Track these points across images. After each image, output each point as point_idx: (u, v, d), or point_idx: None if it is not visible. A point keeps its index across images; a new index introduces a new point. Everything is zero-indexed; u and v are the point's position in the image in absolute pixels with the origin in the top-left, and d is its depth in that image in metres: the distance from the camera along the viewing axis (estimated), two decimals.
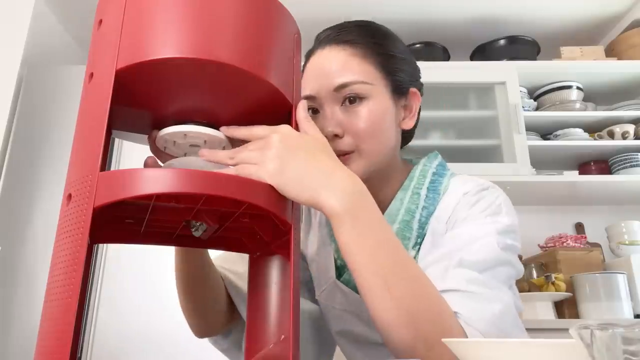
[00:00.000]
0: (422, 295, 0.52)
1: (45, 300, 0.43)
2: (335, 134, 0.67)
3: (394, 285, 0.51)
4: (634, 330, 0.26)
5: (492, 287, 0.58)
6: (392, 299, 0.50)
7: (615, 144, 2.17)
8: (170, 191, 0.42)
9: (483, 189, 0.70)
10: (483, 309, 0.55)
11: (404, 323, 0.51)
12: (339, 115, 0.68)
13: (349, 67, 0.68)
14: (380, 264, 0.51)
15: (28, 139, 1.96)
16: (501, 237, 0.63)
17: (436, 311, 0.53)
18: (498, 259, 0.61)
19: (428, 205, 0.71)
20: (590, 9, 2.34)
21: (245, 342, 0.58)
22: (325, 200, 0.50)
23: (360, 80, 0.67)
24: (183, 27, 0.45)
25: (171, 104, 0.51)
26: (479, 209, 0.67)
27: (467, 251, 0.61)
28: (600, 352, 0.27)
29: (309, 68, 0.72)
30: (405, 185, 0.74)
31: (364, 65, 0.69)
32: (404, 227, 0.71)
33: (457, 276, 0.58)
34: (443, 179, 0.74)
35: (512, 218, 0.67)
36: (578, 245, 2.10)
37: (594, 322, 0.28)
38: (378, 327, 0.53)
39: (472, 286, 0.57)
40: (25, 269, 1.79)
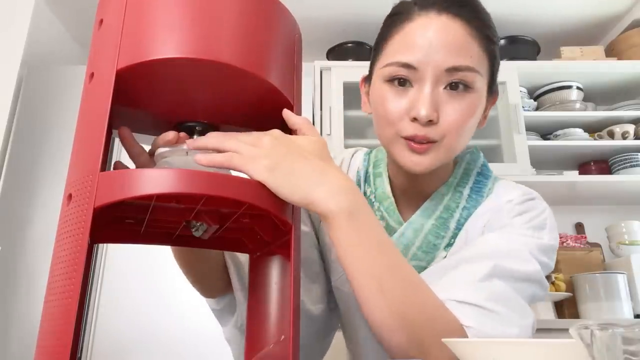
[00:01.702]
0: (416, 299, 0.51)
1: (46, 300, 0.43)
2: (431, 120, 0.60)
3: (388, 288, 0.50)
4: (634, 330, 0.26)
5: (514, 308, 0.56)
6: (386, 302, 0.50)
7: (615, 144, 2.17)
8: (171, 192, 0.42)
9: (529, 199, 0.67)
10: (501, 333, 0.53)
11: (397, 326, 0.50)
12: (439, 98, 0.60)
13: (468, 49, 0.60)
14: (374, 265, 0.50)
15: (28, 139, 1.96)
16: (540, 254, 0.61)
17: (431, 316, 0.51)
18: (530, 276, 0.59)
19: (469, 207, 0.68)
20: (590, 9, 2.34)
21: (246, 342, 0.58)
22: (319, 200, 0.49)
23: (475, 68, 0.60)
24: (184, 27, 0.45)
25: (172, 104, 0.51)
26: (523, 220, 0.64)
27: (502, 259, 0.58)
28: (600, 352, 0.27)
29: (412, 30, 0.61)
30: (449, 182, 0.69)
31: (480, 51, 0.61)
32: (439, 224, 0.67)
33: (483, 289, 0.55)
34: (488, 181, 0.71)
35: (554, 236, 0.64)
36: (578, 245, 2.10)
37: (594, 322, 0.28)
38: (371, 327, 0.52)
39: (494, 304, 0.54)
40: (25, 269, 1.79)
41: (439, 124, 0.60)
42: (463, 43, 0.60)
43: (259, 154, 0.48)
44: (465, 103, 0.61)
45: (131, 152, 0.53)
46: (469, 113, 0.61)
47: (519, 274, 0.58)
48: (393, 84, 0.62)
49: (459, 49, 0.60)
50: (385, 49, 0.65)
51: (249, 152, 0.48)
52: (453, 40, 0.60)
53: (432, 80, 0.60)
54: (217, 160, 0.47)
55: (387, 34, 0.65)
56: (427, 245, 0.67)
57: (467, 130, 0.63)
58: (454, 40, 0.60)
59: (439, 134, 0.61)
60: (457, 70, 0.60)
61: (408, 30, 0.62)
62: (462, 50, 0.60)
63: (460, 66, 0.60)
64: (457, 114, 0.60)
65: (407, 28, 0.62)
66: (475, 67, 0.60)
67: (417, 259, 0.67)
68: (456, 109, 0.60)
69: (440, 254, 0.67)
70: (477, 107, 0.63)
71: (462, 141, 0.64)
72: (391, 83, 0.63)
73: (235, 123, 0.54)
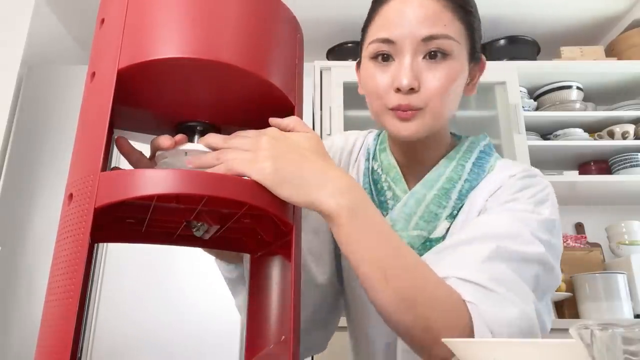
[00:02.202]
0: (419, 284, 0.53)
1: (46, 300, 0.43)
2: (412, 88, 0.63)
3: (392, 276, 0.51)
4: (634, 330, 0.26)
5: (515, 291, 0.57)
6: (391, 289, 0.51)
7: (615, 144, 2.17)
8: (171, 192, 0.42)
9: (530, 176, 0.69)
10: (500, 310, 0.54)
11: (402, 309, 0.52)
12: (418, 66, 0.64)
13: (441, 18, 0.63)
14: (379, 257, 0.52)
15: (28, 139, 1.96)
16: (542, 232, 0.62)
17: (434, 295, 0.53)
18: (532, 257, 0.60)
19: (471, 180, 0.70)
20: (590, 9, 2.34)
21: (246, 342, 0.58)
22: (320, 201, 0.50)
23: (450, 35, 0.63)
24: (185, 27, 0.45)
25: (173, 103, 0.51)
26: (525, 195, 0.65)
27: (504, 240, 0.59)
28: (600, 352, 0.27)
29: (389, 9, 0.66)
30: (451, 155, 0.72)
31: (455, 20, 0.64)
32: (442, 194, 0.69)
33: (485, 271, 0.57)
34: (490, 158, 0.73)
35: (555, 212, 0.66)
36: (578, 245, 2.10)
37: (594, 322, 0.28)
38: (378, 310, 0.54)
39: (495, 285, 0.55)
40: (25, 269, 1.79)
41: (421, 92, 0.64)
42: (436, 13, 0.63)
43: (258, 157, 0.48)
44: (445, 70, 0.64)
45: (130, 160, 0.54)
46: (449, 79, 0.64)
47: (521, 255, 0.59)
48: (377, 61, 0.67)
49: (433, 19, 0.63)
50: (368, 31, 0.69)
51: (248, 156, 0.49)
52: (427, 12, 0.63)
53: (411, 51, 0.64)
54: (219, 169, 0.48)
55: (370, 17, 0.70)
56: (428, 214, 0.69)
57: (451, 96, 0.66)
58: (427, 12, 0.63)
59: (421, 100, 0.64)
60: (432, 39, 0.63)
61: (386, 9, 0.66)
62: (436, 20, 0.63)
63: (435, 34, 0.63)
64: (437, 81, 0.63)
65: (385, 8, 0.67)
66: (450, 35, 0.64)
67: (419, 228, 0.69)
68: (436, 76, 0.64)
69: (441, 223, 0.69)
70: (458, 73, 0.65)
71: (447, 106, 0.66)
72: (375, 60, 0.67)
73: (237, 123, 0.54)
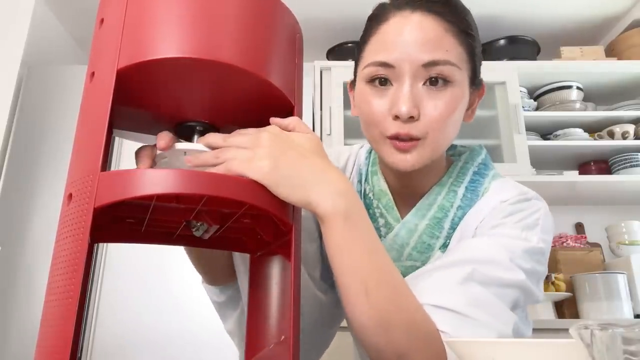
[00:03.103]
0: (399, 305, 0.51)
1: (46, 300, 0.43)
2: (412, 116, 0.59)
3: (373, 291, 0.50)
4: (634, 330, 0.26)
5: (492, 313, 0.55)
6: (369, 304, 0.50)
7: (615, 144, 2.17)
8: (171, 192, 0.42)
9: (524, 200, 0.65)
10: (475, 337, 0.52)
11: (377, 329, 0.50)
12: (419, 94, 0.60)
13: (443, 43, 0.60)
14: (364, 269, 0.50)
15: (28, 139, 1.96)
16: (525, 259, 0.59)
17: (412, 322, 0.51)
18: (510, 283, 0.57)
19: (464, 206, 0.67)
20: (590, 9, 2.34)
21: (246, 342, 0.58)
22: (317, 201, 0.49)
23: (452, 61, 0.60)
24: (185, 26, 0.45)
25: (173, 103, 0.51)
26: (513, 220, 0.62)
27: (481, 265, 0.57)
28: (600, 352, 0.27)
29: (388, 30, 0.62)
30: (443, 181, 0.69)
31: (456, 45, 0.61)
32: (434, 224, 0.66)
33: (460, 294, 0.54)
34: (484, 179, 0.69)
35: (544, 238, 0.62)
36: (578, 245, 2.10)
37: (594, 322, 0.28)
38: (352, 328, 0.53)
39: (471, 309, 0.53)
40: (25, 269, 1.79)
41: (421, 120, 0.60)
42: (438, 38, 0.60)
43: (257, 154, 0.48)
44: (446, 98, 0.60)
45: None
46: (450, 108, 0.61)
47: (499, 281, 0.57)
48: (374, 84, 0.63)
49: (434, 43, 0.60)
50: (364, 51, 0.66)
51: (246, 154, 0.48)
52: (428, 36, 0.60)
53: (410, 76, 0.60)
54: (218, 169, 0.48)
55: (366, 36, 0.66)
56: (421, 245, 0.67)
57: (451, 125, 0.62)
58: (428, 36, 0.60)
59: (421, 130, 0.60)
60: (434, 65, 0.60)
61: (384, 30, 0.63)
62: (437, 44, 0.60)
63: (436, 60, 0.59)
64: (438, 110, 0.60)
65: (383, 28, 0.63)
66: (452, 61, 0.60)
67: (412, 259, 0.67)
68: (437, 104, 0.60)
69: (435, 254, 0.67)
70: (459, 101, 0.62)
71: (447, 136, 0.63)
72: (372, 84, 0.63)
73: (236, 123, 0.54)
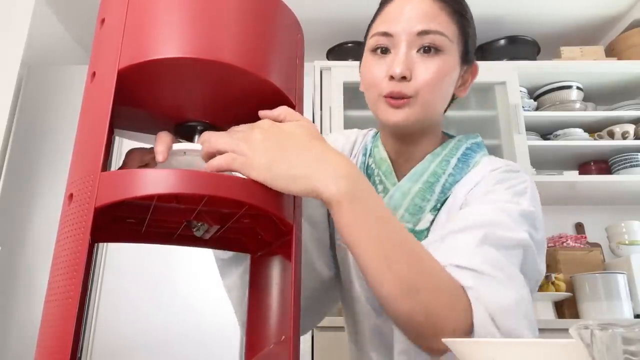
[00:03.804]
0: (422, 268, 0.53)
1: (46, 300, 0.43)
2: (404, 76, 0.68)
3: (394, 261, 0.51)
4: (634, 330, 0.26)
5: (509, 276, 0.58)
6: (392, 274, 0.51)
7: (615, 144, 2.17)
8: (172, 192, 0.42)
9: (512, 170, 0.71)
10: (498, 293, 0.56)
11: (404, 296, 0.52)
12: (412, 58, 0.69)
13: (437, 18, 0.69)
14: (380, 242, 0.52)
15: (28, 139, 1.96)
16: (520, 220, 0.63)
17: (437, 282, 0.54)
18: (519, 243, 0.62)
19: (455, 174, 0.73)
20: (590, 9, 2.34)
21: (246, 342, 0.58)
22: (321, 188, 0.49)
23: (443, 32, 0.69)
24: (186, 27, 0.45)
25: (173, 103, 0.51)
26: (504, 186, 0.68)
27: (491, 228, 0.61)
28: (600, 352, 0.27)
29: (391, 8, 0.72)
30: (437, 152, 0.75)
31: (450, 22, 0.70)
32: (426, 188, 0.72)
33: (478, 255, 0.58)
34: (476, 154, 0.76)
35: (534, 204, 0.67)
36: (578, 245, 2.10)
37: (594, 322, 0.28)
38: (377, 297, 0.54)
39: (489, 269, 0.57)
40: (25, 269, 1.79)
41: (412, 81, 0.68)
42: (432, 12, 0.69)
43: (254, 154, 0.48)
44: (437, 63, 0.69)
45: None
46: (440, 72, 0.69)
47: (507, 241, 0.61)
48: (376, 53, 0.72)
49: (429, 17, 0.69)
50: (371, 28, 0.75)
51: (244, 153, 0.48)
52: (425, 10, 0.69)
53: (406, 43, 0.69)
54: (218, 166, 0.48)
55: (374, 16, 0.76)
56: (413, 207, 0.72)
57: (440, 90, 0.70)
58: (426, 10, 0.69)
59: (412, 89, 0.68)
60: (427, 34, 0.68)
61: (388, 9, 0.73)
62: (431, 18, 0.69)
63: (429, 30, 0.68)
64: (428, 72, 0.68)
65: (387, 7, 0.73)
66: (444, 32, 0.69)
67: (404, 220, 0.72)
68: (428, 67, 0.68)
69: (425, 216, 0.72)
70: (448, 69, 0.70)
71: (436, 99, 0.70)
72: (374, 53, 0.72)
73: (237, 123, 0.54)
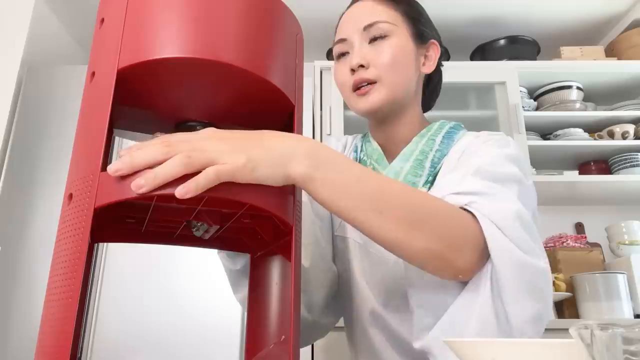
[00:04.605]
0: (414, 202, 0.55)
1: (46, 300, 0.43)
2: (361, 65, 0.75)
3: (384, 207, 0.52)
4: (634, 330, 0.26)
5: (506, 193, 0.62)
6: (388, 219, 0.52)
7: (615, 144, 2.17)
8: (172, 192, 0.42)
9: (495, 134, 0.78)
10: (499, 206, 0.58)
11: (410, 231, 0.53)
12: (365, 49, 0.77)
13: (376, 11, 0.78)
14: (363, 197, 0.52)
15: (28, 139, 1.96)
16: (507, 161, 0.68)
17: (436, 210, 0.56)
18: (511, 175, 0.66)
19: (442, 149, 0.78)
20: (590, 9, 2.34)
21: (246, 342, 0.58)
22: (293, 173, 0.48)
23: (385, 20, 0.77)
24: (185, 26, 0.45)
25: (173, 103, 0.51)
26: (489, 144, 0.74)
27: (483, 165, 0.66)
28: (600, 352, 0.27)
29: (342, 19, 0.82)
30: (423, 133, 0.81)
31: (389, 10, 0.79)
32: (416, 165, 0.77)
33: (472, 182, 0.62)
34: (459, 131, 0.82)
35: (519, 153, 0.72)
36: (578, 245, 2.10)
37: (594, 322, 0.28)
38: (388, 249, 0.55)
39: (487, 189, 0.61)
40: (25, 269, 1.79)
41: (371, 68, 0.76)
42: (372, 9, 0.79)
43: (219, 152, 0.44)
44: (386, 46, 0.77)
45: None
46: (392, 53, 0.76)
47: (499, 175, 0.65)
48: (339, 59, 0.81)
49: (369, 13, 0.78)
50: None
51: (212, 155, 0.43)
52: (364, 10, 0.79)
53: (357, 40, 0.78)
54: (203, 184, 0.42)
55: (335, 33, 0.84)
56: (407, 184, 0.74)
57: (399, 69, 0.77)
58: (365, 10, 0.79)
59: (373, 74, 0.76)
60: (371, 26, 0.77)
61: (341, 21, 0.83)
62: (371, 13, 0.78)
63: (372, 22, 0.77)
64: (382, 55, 0.76)
65: (340, 20, 0.83)
66: (386, 20, 0.77)
67: None
68: (381, 51, 0.76)
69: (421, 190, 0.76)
70: (400, 50, 0.77)
71: (399, 77, 0.77)
72: (338, 59, 0.81)
73: (236, 123, 0.54)
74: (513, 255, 0.56)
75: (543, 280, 0.58)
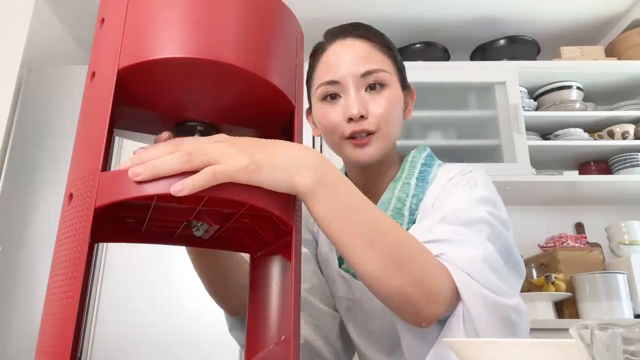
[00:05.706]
0: (402, 242, 0.55)
1: (46, 300, 0.43)
2: (362, 115, 0.73)
3: (374, 239, 0.52)
4: (634, 330, 0.26)
5: (473, 237, 0.63)
6: (375, 252, 0.52)
7: (615, 144, 2.17)
8: (167, 191, 0.42)
9: (465, 173, 0.77)
10: (467, 252, 0.60)
11: (390, 270, 0.53)
12: (364, 98, 0.74)
13: (374, 57, 0.76)
14: (357, 224, 0.52)
15: (28, 139, 1.96)
16: (479, 204, 0.69)
17: (417, 253, 0.56)
18: (477, 219, 0.66)
19: (418, 194, 0.78)
20: (590, 9, 2.34)
21: (246, 342, 0.58)
22: (299, 182, 0.48)
23: (383, 69, 0.76)
24: (185, 26, 0.45)
25: (173, 103, 0.51)
26: (459, 186, 0.74)
27: (449, 211, 0.67)
28: (600, 352, 0.27)
29: (328, 57, 0.78)
30: (397, 177, 0.80)
31: (385, 58, 0.77)
32: (395, 214, 0.77)
33: (440, 230, 0.64)
34: (431, 168, 0.81)
35: (488, 190, 0.73)
36: (578, 245, 2.10)
37: (594, 322, 0.28)
38: (366, 282, 0.55)
39: (454, 235, 0.62)
40: (25, 269, 1.79)
41: (370, 118, 0.74)
42: (368, 53, 0.76)
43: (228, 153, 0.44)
44: (385, 97, 0.75)
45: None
46: (390, 104, 0.75)
47: (468, 220, 0.66)
48: (327, 101, 0.77)
49: (366, 58, 0.75)
50: (313, 79, 0.80)
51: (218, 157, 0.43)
52: (360, 54, 0.76)
53: (354, 86, 0.75)
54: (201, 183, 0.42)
55: (312, 69, 0.81)
56: None
57: (394, 120, 0.77)
58: (360, 54, 0.76)
59: (373, 124, 0.74)
60: (370, 74, 0.75)
61: (325, 58, 0.78)
62: (368, 59, 0.75)
63: (371, 69, 0.75)
64: (381, 107, 0.74)
65: (324, 57, 0.78)
66: (384, 68, 0.76)
67: None
68: (380, 102, 0.75)
69: None
70: (396, 99, 0.77)
71: (394, 129, 0.77)
72: (324, 100, 0.77)
73: (237, 123, 0.54)
74: (486, 299, 0.59)
75: (515, 314, 0.61)
